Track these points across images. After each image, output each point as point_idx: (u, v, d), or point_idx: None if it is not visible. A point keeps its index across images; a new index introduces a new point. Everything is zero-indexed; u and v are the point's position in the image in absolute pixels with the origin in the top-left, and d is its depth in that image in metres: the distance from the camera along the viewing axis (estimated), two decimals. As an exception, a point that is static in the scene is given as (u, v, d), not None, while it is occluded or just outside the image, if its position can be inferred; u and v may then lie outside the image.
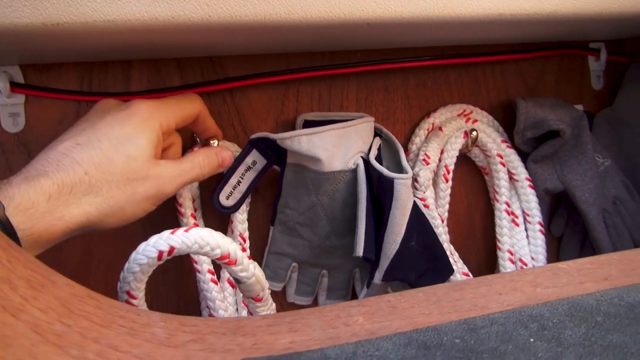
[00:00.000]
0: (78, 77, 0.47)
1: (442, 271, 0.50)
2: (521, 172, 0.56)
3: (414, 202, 0.47)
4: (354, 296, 0.56)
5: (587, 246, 0.61)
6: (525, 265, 0.56)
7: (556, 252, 0.64)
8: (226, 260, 0.35)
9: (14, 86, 0.45)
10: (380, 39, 0.49)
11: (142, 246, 0.34)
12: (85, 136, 0.37)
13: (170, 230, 0.34)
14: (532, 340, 0.22)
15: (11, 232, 0.31)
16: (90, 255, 0.50)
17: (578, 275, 0.29)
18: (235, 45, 0.46)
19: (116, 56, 0.47)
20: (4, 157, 0.46)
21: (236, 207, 0.49)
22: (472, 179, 0.61)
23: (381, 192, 0.46)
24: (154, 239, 0.34)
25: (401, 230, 0.45)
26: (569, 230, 0.62)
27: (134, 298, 0.37)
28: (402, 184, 0.44)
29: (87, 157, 0.36)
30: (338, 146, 0.47)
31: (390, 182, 0.45)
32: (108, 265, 0.50)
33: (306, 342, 0.24)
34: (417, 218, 0.47)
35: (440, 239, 0.52)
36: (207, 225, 0.50)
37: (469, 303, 0.27)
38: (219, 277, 0.49)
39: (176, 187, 0.41)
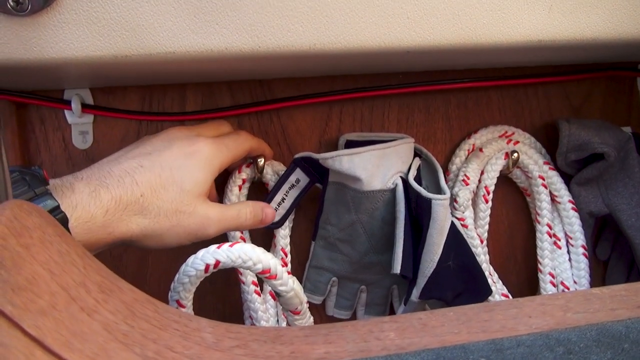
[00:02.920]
0: (140, 99, 0.52)
1: (480, 291, 0.50)
2: (564, 195, 0.56)
3: (452, 222, 0.48)
4: (392, 312, 0.57)
5: (634, 272, 0.60)
6: (568, 289, 0.55)
7: (602, 276, 0.63)
8: (267, 275, 0.37)
9: (85, 107, 0.49)
10: (421, 63, 0.50)
11: (191, 259, 0.38)
12: (150, 161, 0.40)
13: (217, 245, 0.37)
14: (556, 362, 0.23)
15: None
16: (145, 264, 0.54)
17: (611, 302, 0.30)
18: (284, 69, 0.49)
19: (173, 80, 0.51)
20: (74, 171, 0.50)
21: (280, 222, 0.51)
22: (513, 199, 0.61)
23: (419, 212, 0.48)
24: (201, 253, 0.37)
25: (438, 249, 0.46)
26: (616, 255, 0.61)
27: (183, 307, 0.40)
28: (439, 204, 0.45)
29: (146, 181, 0.39)
30: (378, 166, 0.49)
31: (428, 203, 0.46)
32: (162, 274, 0.54)
33: (339, 353, 0.25)
34: (455, 238, 0.48)
35: (479, 259, 0.52)
36: (252, 238, 0.53)
37: (498, 324, 0.28)
38: (262, 289, 0.52)
39: (218, 230, 0.42)
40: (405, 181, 0.49)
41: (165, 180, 0.39)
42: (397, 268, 0.46)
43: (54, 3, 0.33)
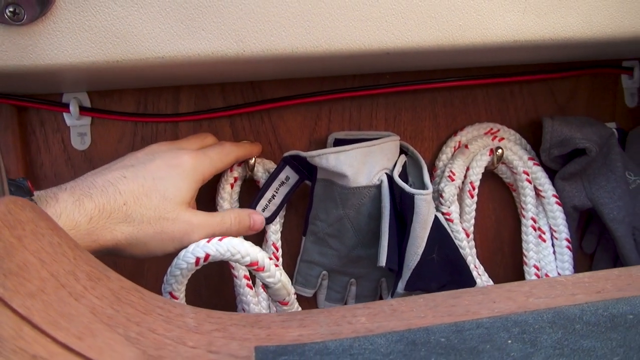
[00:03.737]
0: (135, 102, 0.54)
1: (464, 284, 0.52)
2: (548, 189, 0.58)
3: (436, 216, 0.50)
4: (382, 305, 0.59)
5: (619, 264, 0.61)
6: (552, 280, 0.57)
7: (588, 269, 0.64)
8: (255, 267, 0.39)
9: (83, 110, 0.52)
10: (405, 63, 0.52)
11: (182, 253, 0.40)
12: (133, 172, 0.41)
13: (207, 239, 0.39)
14: (509, 342, 0.25)
15: None
16: (142, 260, 0.56)
17: (572, 288, 0.31)
18: (272, 71, 0.51)
19: (167, 83, 0.53)
20: (73, 171, 0.53)
21: (271, 218, 0.53)
22: (500, 195, 0.63)
23: (403, 207, 0.49)
24: (192, 247, 0.39)
25: (422, 243, 0.48)
26: (601, 248, 0.62)
27: (176, 299, 0.42)
28: (422, 199, 0.47)
29: (129, 190, 0.40)
30: (363, 163, 0.50)
31: (411, 198, 0.48)
32: (159, 270, 0.56)
33: (312, 335, 0.27)
34: (439, 232, 0.50)
35: (464, 253, 0.54)
36: (244, 235, 0.55)
37: (463, 309, 0.30)
38: (254, 283, 0.54)
39: (202, 236, 0.42)
40: (390, 177, 0.51)
41: (148, 190, 0.40)
42: (382, 261, 0.48)
43: (49, 12, 0.36)
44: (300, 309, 0.45)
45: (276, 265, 0.42)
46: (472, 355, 0.24)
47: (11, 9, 0.34)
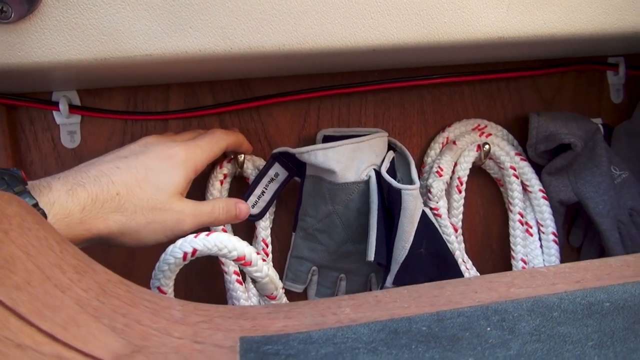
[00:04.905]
0: (125, 100, 0.54)
1: (452, 277, 0.52)
2: (535, 184, 0.58)
3: (423, 211, 0.51)
4: (372, 300, 0.59)
5: (605, 256, 0.62)
6: (539, 274, 0.58)
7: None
8: (242, 262, 0.40)
9: (72, 108, 0.52)
10: (392, 60, 0.53)
11: (170, 248, 0.40)
12: (126, 163, 0.42)
13: (194, 235, 0.39)
14: (488, 329, 0.26)
15: None
16: (133, 256, 0.56)
17: (553, 278, 0.32)
18: (261, 68, 0.51)
19: (157, 81, 0.53)
20: (62, 169, 0.52)
21: (261, 215, 0.54)
22: (489, 190, 0.63)
23: (391, 202, 0.50)
24: (179, 242, 0.39)
25: (409, 237, 0.49)
26: (588, 241, 0.63)
27: (164, 294, 0.42)
28: (409, 194, 0.48)
29: (121, 181, 0.40)
30: (352, 159, 0.51)
31: (398, 193, 0.48)
32: (149, 266, 0.56)
33: (297, 326, 0.28)
34: (426, 226, 0.51)
35: (452, 247, 0.55)
36: (234, 231, 0.56)
37: (445, 299, 0.30)
38: (244, 279, 0.54)
39: (193, 225, 0.43)
40: (378, 173, 0.52)
41: (140, 181, 0.41)
42: (370, 256, 0.49)
43: (36, 10, 0.36)
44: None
45: (264, 260, 0.42)
46: (452, 342, 0.25)
47: (-2, 7, 0.34)
